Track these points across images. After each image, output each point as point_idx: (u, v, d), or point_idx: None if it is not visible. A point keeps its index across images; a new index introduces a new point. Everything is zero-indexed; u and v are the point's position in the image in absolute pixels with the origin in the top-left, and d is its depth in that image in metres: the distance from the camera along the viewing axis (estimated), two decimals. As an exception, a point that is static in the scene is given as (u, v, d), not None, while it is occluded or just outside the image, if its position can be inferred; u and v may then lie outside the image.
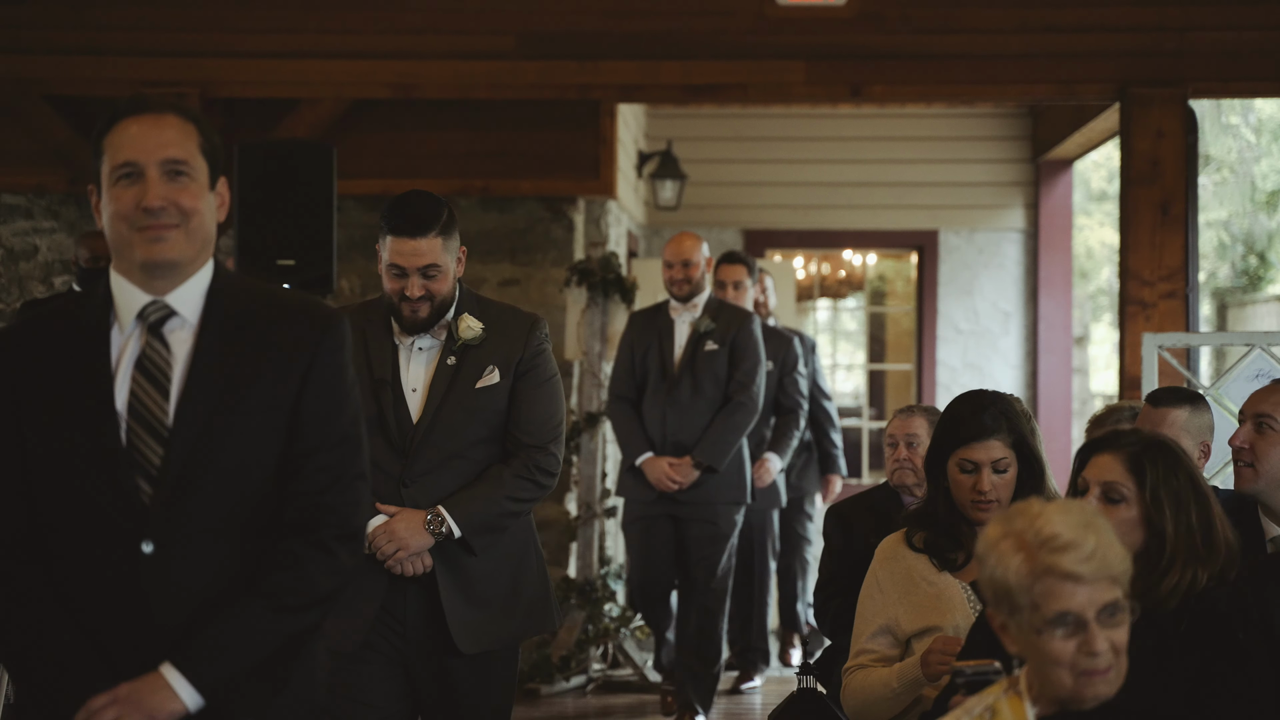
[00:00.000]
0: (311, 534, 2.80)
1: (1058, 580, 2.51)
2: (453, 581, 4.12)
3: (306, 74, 7.87)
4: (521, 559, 4.25)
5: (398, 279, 4.15)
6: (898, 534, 3.92)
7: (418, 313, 4.14)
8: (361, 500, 2.87)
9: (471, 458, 4.16)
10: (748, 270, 7.73)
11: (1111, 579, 2.54)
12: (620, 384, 7.22)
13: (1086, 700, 2.56)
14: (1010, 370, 11.42)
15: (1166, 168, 7.66)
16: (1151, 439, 3.21)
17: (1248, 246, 16.39)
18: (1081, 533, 2.54)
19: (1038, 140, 11.30)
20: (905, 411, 5.09)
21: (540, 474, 4.18)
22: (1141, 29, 7.71)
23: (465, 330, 4.18)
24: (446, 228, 4.17)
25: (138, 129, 2.74)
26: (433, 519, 4.06)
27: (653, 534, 7.11)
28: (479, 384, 4.15)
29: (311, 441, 2.80)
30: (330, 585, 2.81)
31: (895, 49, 7.79)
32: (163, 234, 2.72)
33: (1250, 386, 5.88)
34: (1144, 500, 3.12)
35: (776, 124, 11.41)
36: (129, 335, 2.78)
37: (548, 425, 4.21)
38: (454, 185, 8.25)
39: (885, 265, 14.33)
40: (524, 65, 7.83)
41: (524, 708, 7.68)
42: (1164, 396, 4.58)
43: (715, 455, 6.94)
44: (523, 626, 4.24)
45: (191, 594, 2.74)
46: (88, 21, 7.87)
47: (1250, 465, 4.03)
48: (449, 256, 4.18)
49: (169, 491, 2.72)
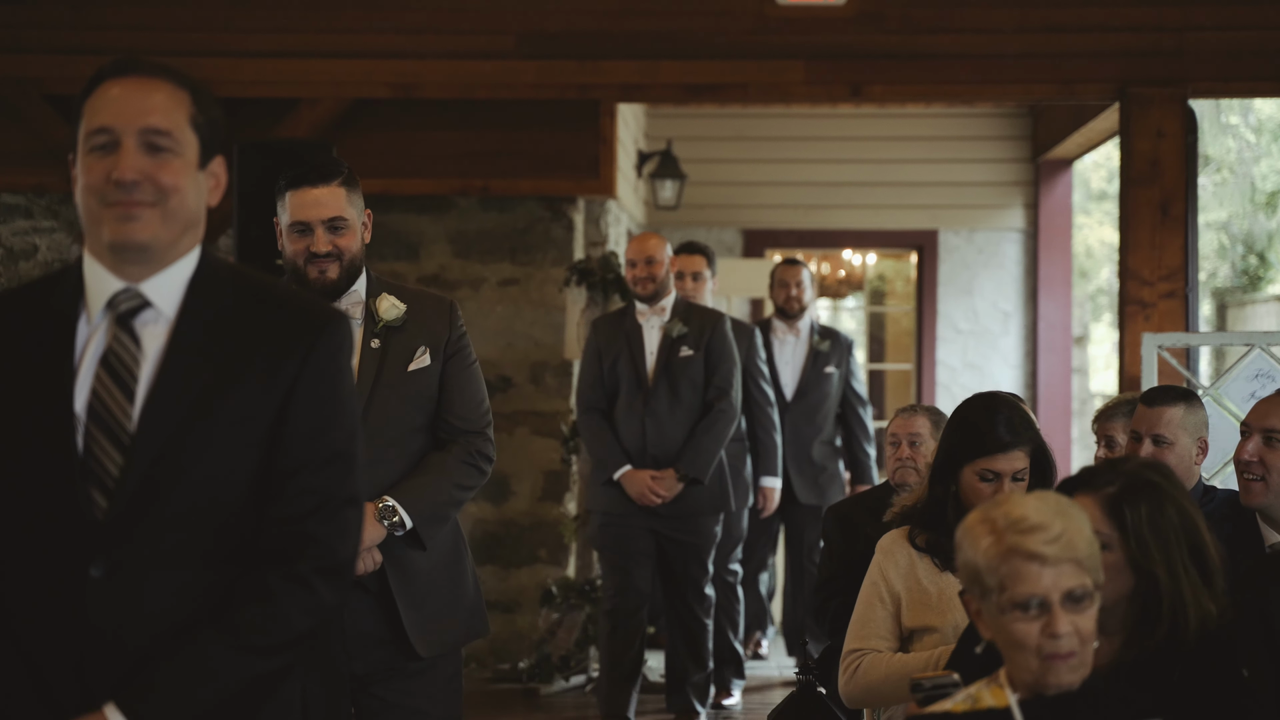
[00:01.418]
0: (290, 565, 2.43)
1: (1023, 561, 2.54)
2: (402, 580, 3.84)
3: (307, 73, 7.87)
4: (456, 557, 3.99)
5: (300, 237, 3.85)
6: (899, 531, 3.92)
7: (326, 273, 3.81)
8: (350, 529, 2.49)
9: (407, 447, 3.87)
10: (707, 261, 7.59)
11: (1077, 563, 2.55)
12: (589, 394, 6.93)
13: (1050, 686, 2.57)
14: (1010, 370, 11.42)
15: (1166, 168, 7.66)
16: (1132, 476, 2.96)
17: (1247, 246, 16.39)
18: (1050, 516, 2.57)
19: (1037, 140, 11.30)
20: (907, 411, 5.11)
21: (483, 460, 3.93)
22: (1141, 29, 7.71)
23: (387, 310, 3.87)
24: (349, 182, 3.89)
25: (120, 92, 2.40)
26: (385, 510, 3.76)
27: (630, 544, 6.83)
28: (411, 366, 3.86)
29: (296, 458, 2.43)
30: (307, 625, 2.44)
31: (895, 49, 7.79)
32: (134, 212, 2.38)
33: (1250, 386, 5.88)
34: (1128, 545, 2.89)
35: (776, 124, 11.41)
36: (96, 327, 2.42)
37: (479, 409, 3.95)
38: (454, 185, 8.25)
39: (885, 265, 14.33)
40: (524, 65, 7.83)
41: (524, 708, 7.68)
42: (1158, 396, 4.57)
43: (700, 466, 6.74)
44: (466, 628, 3.98)
45: (145, 626, 2.37)
46: (88, 21, 7.87)
47: (1260, 479, 3.94)
48: (355, 212, 3.88)
49: (126, 507, 2.37)
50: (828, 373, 8.17)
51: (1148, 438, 4.49)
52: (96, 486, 2.37)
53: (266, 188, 6.67)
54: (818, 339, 8.21)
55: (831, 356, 8.17)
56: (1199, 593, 2.91)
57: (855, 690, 3.77)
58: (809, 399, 8.15)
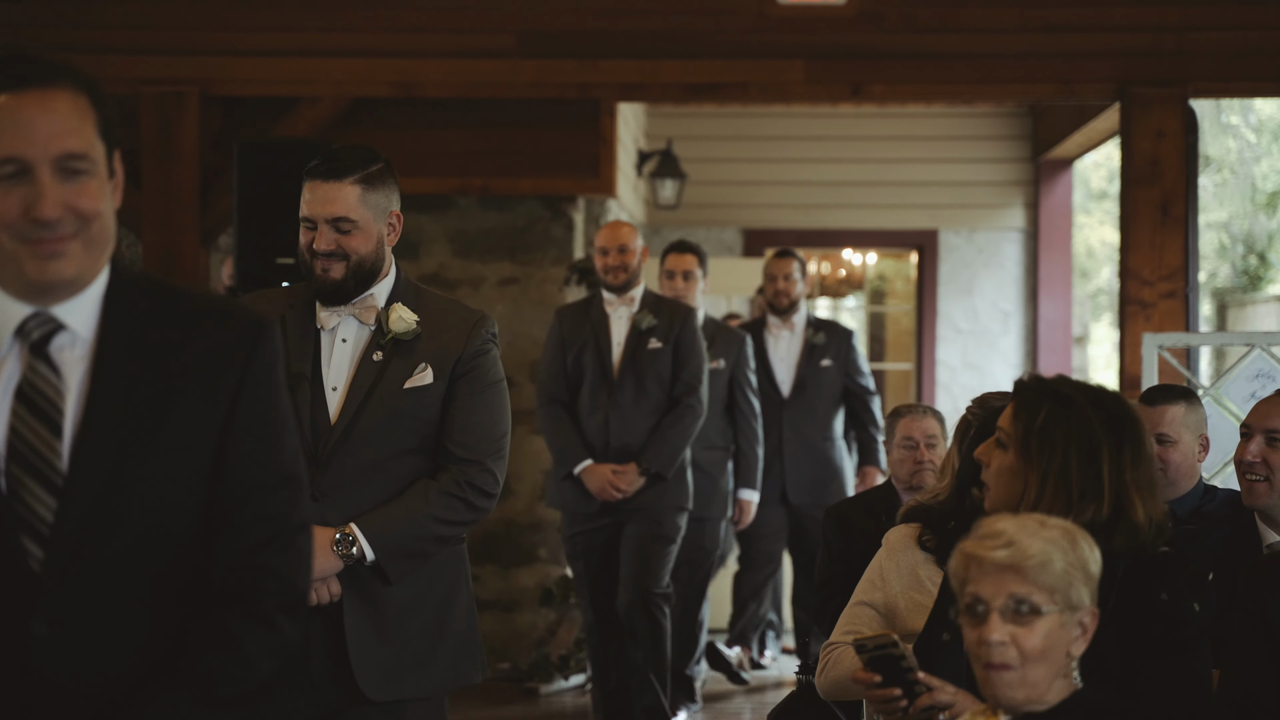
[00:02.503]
0: (249, 604, 2.22)
1: (974, 564, 2.55)
2: (363, 613, 3.51)
3: (306, 72, 7.86)
4: (450, 594, 3.63)
5: (308, 230, 3.59)
6: (910, 529, 3.87)
7: (329, 272, 3.56)
8: (305, 557, 2.29)
9: (394, 471, 3.55)
10: (699, 260, 7.35)
11: (1023, 572, 2.51)
12: (551, 385, 6.66)
13: (996, 701, 2.55)
14: (1010, 370, 11.42)
15: (1167, 168, 7.66)
16: (1050, 389, 3.02)
17: (1248, 246, 16.40)
18: (1015, 529, 2.55)
19: (1038, 140, 11.30)
20: (916, 411, 5.08)
21: (474, 493, 3.55)
22: (1142, 29, 7.71)
23: (396, 321, 3.58)
24: (371, 180, 3.59)
25: (21, 110, 2.10)
26: (342, 539, 3.45)
27: (597, 548, 6.58)
28: (408, 384, 3.55)
29: (244, 485, 2.22)
30: (272, 666, 2.24)
31: (895, 48, 7.79)
32: (58, 249, 2.12)
33: (1250, 386, 5.88)
34: (1020, 446, 2.95)
35: (776, 123, 11.41)
36: (4, 356, 2.14)
37: (488, 438, 3.59)
38: (454, 184, 8.25)
39: (885, 264, 14.33)
40: (524, 64, 7.82)
41: (524, 707, 7.68)
42: (1158, 395, 4.57)
43: (664, 462, 6.46)
44: (447, 675, 3.61)
45: (99, 681, 2.15)
46: (87, 20, 7.86)
47: (1264, 479, 3.91)
48: (370, 213, 3.58)
49: (66, 555, 2.12)
50: (824, 366, 7.92)
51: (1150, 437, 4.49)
52: (28, 534, 2.12)
53: (266, 187, 6.70)
54: (812, 332, 7.98)
55: (828, 349, 7.94)
56: (1065, 505, 2.88)
57: (825, 684, 3.71)
58: (806, 395, 7.92)
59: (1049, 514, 2.75)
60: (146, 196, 7.58)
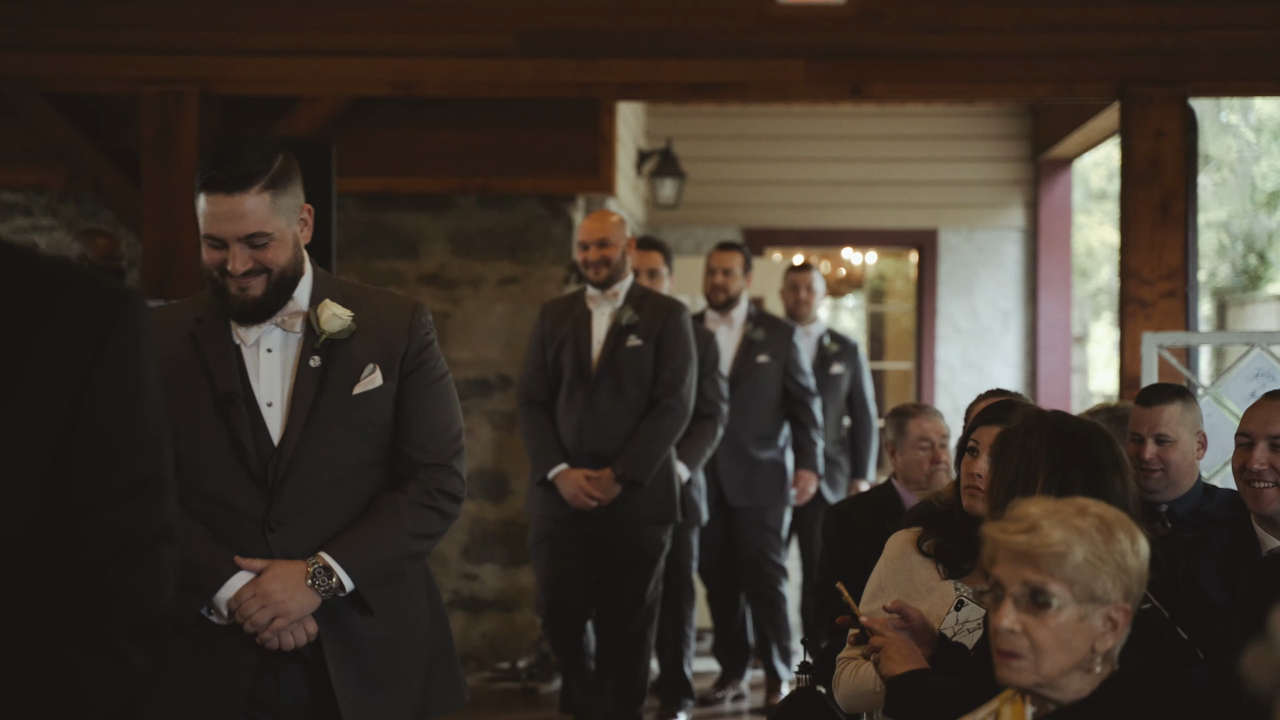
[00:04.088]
0: (89, 629, 1.83)
1: (997, 548, 2.51)
2: (342, 653, 3.20)
3: (306, 72, 7.86)
4: (420, 616, 3.34)
5: (215, 250, 3.16)
6: (909, 534, 3.86)
7: (247, 291, 3.16)
8: (163, 572, 1.90)
9: (354, 488, 3.23)
10: (664, 258, 7.18)
11: (1037, 562, 2.45)
12: (531, 385, 6.34)
13: (1004, 682, 2.53)
14: (1010, 369, 11.42)
15: (1166, 167, 7.65)
16: (1034, 421, 3.20)
17: (1247, 246, 16.39)
18: (1039, 511, 2.50)
19: (1037, 139, 11.30)
20: (927, 411, 5.09)
21: (446, 500, 3.27)
22: (1141, 28, 7.70)
23: (330, 320, 3.21)
24: (278, 180, 3.20)
25: None
26: (317, 572, 3.13)
27: (564, 555, 6.22)
28: (357, 388, 3.21)
29: (90, 490, 1.83)
30: (116, 704, 1.85)
31: (895, 48, 7.79)
32: None
33: (1250, 386, 5.88)
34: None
35: (776, 122, 11.41)
36: None
37: (446, 437, 3.29)
38: (453, 183, 8.25)
39: (885, 264, 14.32)
40: (524, 63, 7.82)
41: (524, 707, 7.68)
42: (1154, 395, 4.57)
43: (639, 468, 6.07)
44: (430, 703, 3.33)
45: None
46: (88, 19, 7.86)
47: (1273, 485, 3.85)
48: (283, 219, 3.19)
49: None
50: (760, 362, 7.67)
51: (1150, 438, 4.50)
52: None
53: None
54: (751, 327, 7.74)
55: (767, 345, 7.69)
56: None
57: (840, 696, 3.78)
58: (740, 392, 7.58)
59: None
60: (146, 196, 7.57)
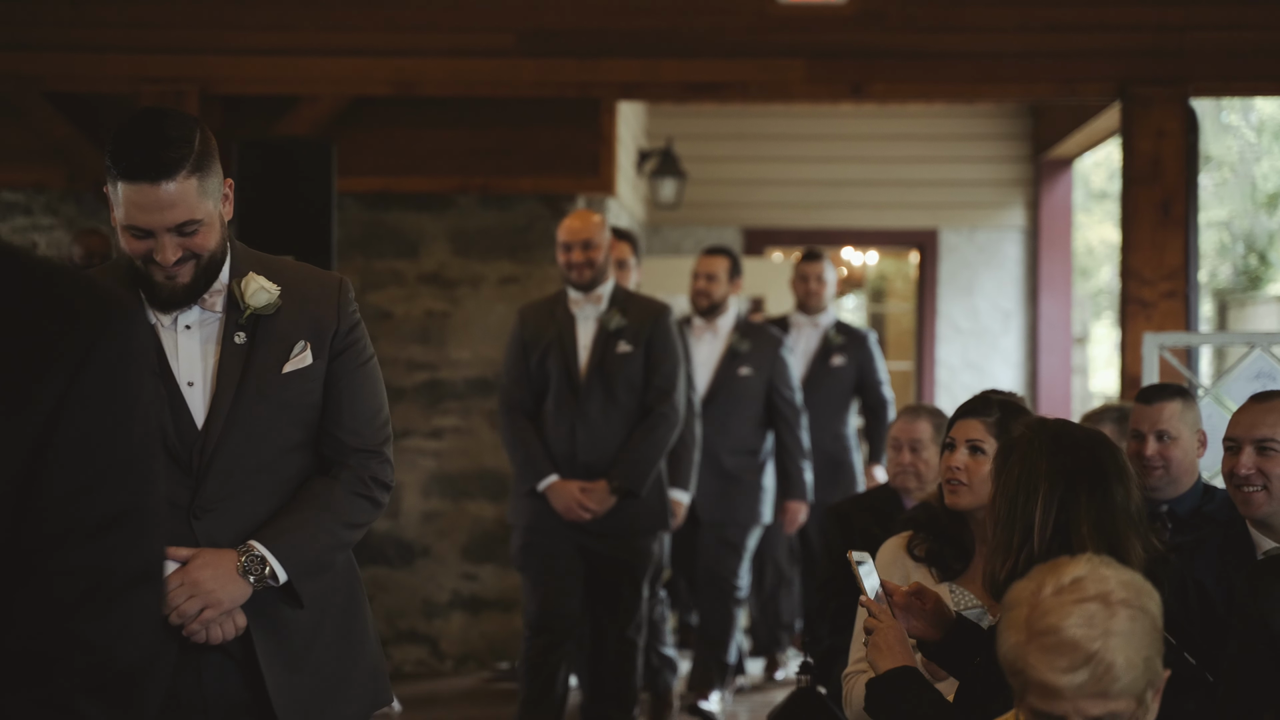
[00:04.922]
0: (43, 684, 1.58)
1: (1039, 683, 2.20)
2: (273, 644, 3.05)
3: (306, 71, 7.85)
4: (349, 609, 3.19)
5: (139, 239, 2.95)
6: (899, 540, 3.88)
7: (176, 279, 2.98)
8: (137, 621, 1.63)
9: (282, 473, 3.08)
10: (632, 248, 7.05)
11: (1107, 694, 2.18)
12: (514, 391, 6.07)
13: None
14: (1010, 369, 11.42)
15: (1167, 167, 7.65)
16: (1035, 430, 3.12)
17: (1248, 246, 16.39)
18: (1085, 632, 2.18)
19: (1038, 139, 11.30)
20: (910, 413, 5.05)
21: (379, 489, 3.14)
22: (1142, 28, 7.70)
23: (256, 294, 3.04)
24: (201, 161, 2.94)
25: None
26: (250, 561, 2.98)
27: (557, 565, 6.03)
28: (287, 367, 3.05)
29: (58, 523, 1.59)
30: None
31: (896, 47, 7.78)
32: None
33: (1251, 386, 5.88)
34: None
35: (777, 122, 11.41)
36: None
37: (377, 421, 3.15)
38: (453, 183, 8.24)
39: (885, 264, 14.32)
40: (524, 63, 7.82)
41: (523, 706, 7.66)
42: (1154, 393, 4.58)
43: (636, 478, 5.90)
44: (363, 700, 3.18)
45: None
46: (88, 18, 7.86)
47: (1262, 489, 3.83)
48: (210, 202, 2.97)
49: None
50: (743, 375, 7.45)
51: (1150, 435, 4.51)
52: None
53: (266, 187, 6.69)
54: (737, 337, 7.54)
55: (751, 357, 7.49)
56: (998, 547, 3.01)
57: (849, 711, 3.80)
58: (718, 404, 7.44)
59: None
60: (146, 195, 7.57)
